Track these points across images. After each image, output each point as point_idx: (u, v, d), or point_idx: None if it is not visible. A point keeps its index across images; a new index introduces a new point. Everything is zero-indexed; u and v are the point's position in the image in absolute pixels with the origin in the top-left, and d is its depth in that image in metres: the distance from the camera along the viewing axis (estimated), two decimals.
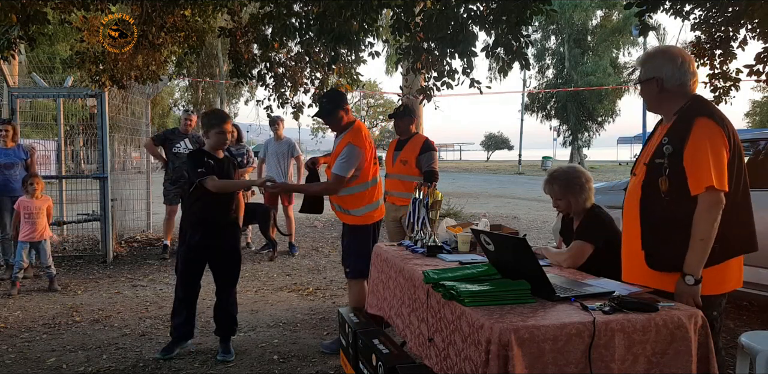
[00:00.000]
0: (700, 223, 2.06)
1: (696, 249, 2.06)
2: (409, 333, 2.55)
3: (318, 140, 53.06)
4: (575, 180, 2.79)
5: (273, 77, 6.41)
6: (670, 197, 2.12)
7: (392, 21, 4.96)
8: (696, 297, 2.07)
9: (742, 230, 2.18)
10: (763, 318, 4.32)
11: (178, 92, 43.87)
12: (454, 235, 3.13)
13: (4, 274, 5.64)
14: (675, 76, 2.19)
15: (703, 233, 2.05)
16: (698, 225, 2.06)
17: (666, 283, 2.15)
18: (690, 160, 2.07)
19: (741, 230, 2.17)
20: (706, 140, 2.06)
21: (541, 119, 40.56)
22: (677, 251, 2.10)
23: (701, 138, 2.06)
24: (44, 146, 7.90)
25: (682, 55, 2.22)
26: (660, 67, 2.19)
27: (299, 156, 7.37)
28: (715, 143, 2.06)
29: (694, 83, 2.22)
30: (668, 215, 2.12)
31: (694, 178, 2.06)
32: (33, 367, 3.46)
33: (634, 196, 2.27)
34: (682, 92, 2.20)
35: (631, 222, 2.28)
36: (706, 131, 2.07)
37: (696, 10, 5.51)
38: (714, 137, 2.07)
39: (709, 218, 2.05)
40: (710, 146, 2.05)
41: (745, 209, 2.19)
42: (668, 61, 2.19)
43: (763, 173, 4.37)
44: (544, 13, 4.60)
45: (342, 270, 6.32)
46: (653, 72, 2.20)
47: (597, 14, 37.83)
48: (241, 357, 3.62)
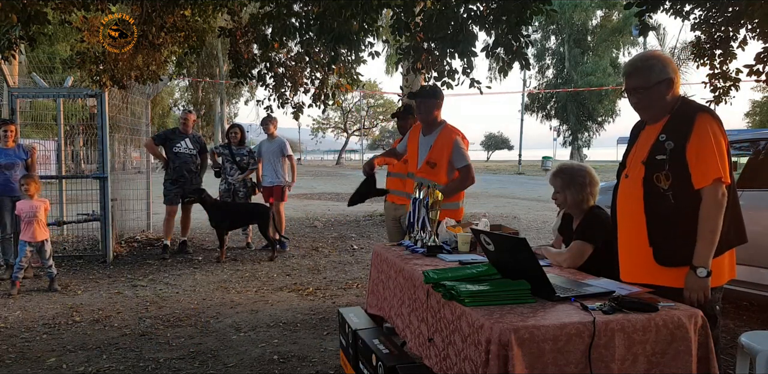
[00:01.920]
0: (710, 215, 2.09)
1: (706, 241, 2.09)
2: (409, 333, 2.55)
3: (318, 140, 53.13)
4: (578, 178, 2.82)
5: (273, 77, 6.42)
6: (673, 192, 2.15)
7: (392, 21, 4.96)
8: (707, 290, 2.09)
9: (736, 223, 2.24)
10: (763, 318, 4.32)
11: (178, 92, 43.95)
12: (454, 235, 3.13)
13: (4, 274, 5.64)
14: (677, 77, 2.26)
15: (713, 225, 2.09)
16: (707, 217, 2.09)
17: (673, 279, 2.17)
18: (695, 153, 2.11)
19: (735, 224, 2.23)
20: (710, 133, 2.11)
21: (541, 119, 40.63)
22: (685, 245, 2.13)
23: (705, 132, 2.11)
24: (44, 146, 7.91)
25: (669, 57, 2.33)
26: (666, 68, 2.24)
27: (291, 156, 7.39)
28: (718, 137, 2.12)
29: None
30: (673, 210, 2.16)
31: (699, 171, 2.11)
32: (33, 367, 3.46)
33: (633, 195, 2.28)
34: (675, 92, 2.27)
35: (631, 221, 2.29)
36: (709, 125, 2.13)
37: (696, 10, 5.52)
38: (716, 131, 2.13)
39: (719, 210, 2.09)
40: (714, 140, 2.10)
41: (736, 203, 2.24)
42: (668, 63, 2.25)
43: (763, 173, 4.37)
44: (544, 13, 4.60)
45: (342, 270, 6.34)
46: (664, 74, 2.23)
47: (597, 14, 37.88)
48: (241, 357, 3.62)
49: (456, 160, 3.75)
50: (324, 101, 6.56)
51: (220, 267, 6.29)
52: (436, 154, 3.79)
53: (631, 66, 2.30)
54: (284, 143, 7.34)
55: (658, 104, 2.25)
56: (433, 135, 3.84)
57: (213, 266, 6.37)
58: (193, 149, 7.06)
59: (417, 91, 3.92)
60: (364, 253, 7.07)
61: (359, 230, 8.46)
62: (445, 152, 3.76)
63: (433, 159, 3.80)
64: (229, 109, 42.51)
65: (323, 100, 6.55)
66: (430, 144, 3.83)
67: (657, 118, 2.28)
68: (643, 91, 2.25)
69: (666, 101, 2.24)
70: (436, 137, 3.82)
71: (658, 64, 2.24)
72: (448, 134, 3.82)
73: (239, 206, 6.92)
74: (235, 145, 7.23)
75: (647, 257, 2.23)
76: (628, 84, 2.29)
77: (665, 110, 2.25)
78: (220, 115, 37.39)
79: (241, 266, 6.34)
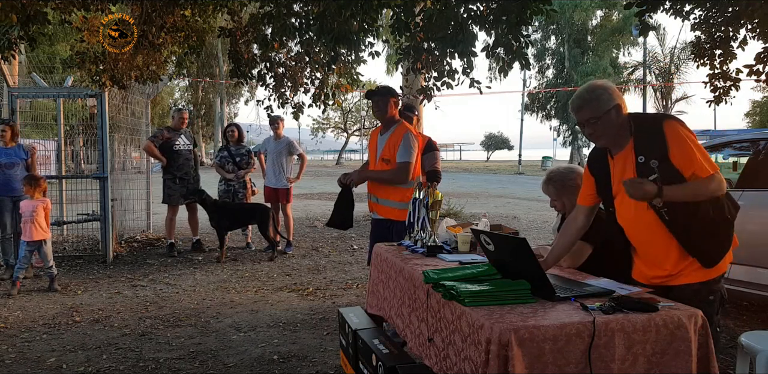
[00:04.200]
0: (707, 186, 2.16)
1: (686, 192, 2.16)
2: (409, 333, 2.55)
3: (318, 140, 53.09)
4: (570, 181, 2.82)
5: (273, 77, 6.42)
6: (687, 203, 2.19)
7: (392, 21, 4.96)
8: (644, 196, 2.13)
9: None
10: (763, 318, 4.33)
11: (178, 92, 43.93)
12: (454, 235, 3.13)
13: (4, 274, 5.64)
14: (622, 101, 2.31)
15: (701, 191, 2.17)
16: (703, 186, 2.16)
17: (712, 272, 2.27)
18: (682, 159, 2.17)
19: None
20: (684, 137, 2.19)
21: (541, 119, 40.57)
22: (719, 244, 2.26)
23: (679, 137, 2.19)
24: (44, 146, 7.90)
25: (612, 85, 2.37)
26: (612, 95, 2.29)
27: (302, 154, 7.38)
28: (692, 137, 2.20)
29: None
30: (693, 218, 2.21)
31: (696, 170, 2.16)
32: (33, 367, 3.46)
33: (644, 220, 2.30)
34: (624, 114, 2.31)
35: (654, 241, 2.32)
36: (679, 130, 2.20)
37: (696, 10, 5.52)
38: (687, 133, 2.21)
39: (717, 188, 2.17)
40: (691, 141, 2.19)
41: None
42: (613, 91, 2.31)
43: (763, 173, 4.37)
44: (544, 13, 4.60)
45: (342, 270, 6.34)
46: (612, 101, 2.28)
47: (597, 14, 37.83)
48: (241, 357, 3.62)
49: (399, 153, 3.74)
50: (324, 101, 6.56)
51: (220, 267, 6.29)
52: (389, 150, 3.82)
53: (579, 99, 2.33)
54: (293, 142, 7.32)
55: (612, 130, 2.30)
56: (388, 132, 3.88)
57: (213, 266, 6.37)
58: (189, 144, 7.09)
59: (373, 90, 3.98)
60: (364, 253, 7.07)
61: (359, 230, 8.45)
62: (396, 147, 3.79)
63: (387, 155, 3.82)
64: (229, 109, 42.53)
65: (323, 100, 6.55)
66: (384, 141, 3.88)
67: (617, 143, 2.34)
68: (595, 121, 2.28)
69: (619, 125, 2.30)
70: (390, 134, 3.86)
71: (605, 93, 2.28)
72: (401, 129, 3.84)
73: (239, 206, 6.91)
74: (233, 144, 7.22)
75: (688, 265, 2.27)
76: (581, 117, 2.33)
77: (622, 133, 2.31)
78: (220, 115, 37.41)
79: (241, 266, 6.34)
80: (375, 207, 3.93)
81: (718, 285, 2.29)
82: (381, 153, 3.87)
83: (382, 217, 3.87)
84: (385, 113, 3.87)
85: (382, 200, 3.86)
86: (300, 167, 7.41)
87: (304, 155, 7.49)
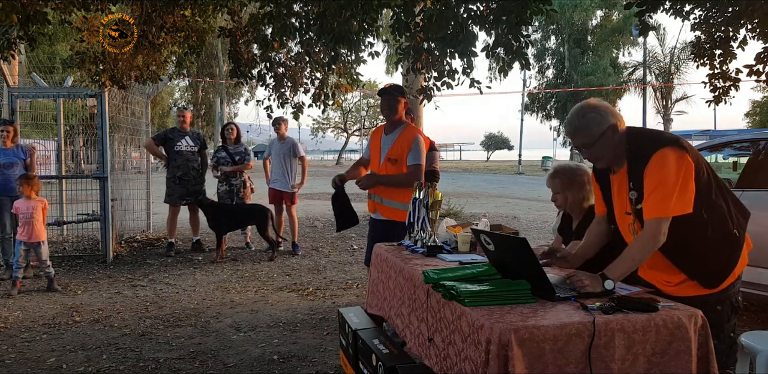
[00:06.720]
0: (644, 246, 2.12)
1: (627, 264, 2.14)
2: (409, 333, 2.55)
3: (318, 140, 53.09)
4: (577, 178, 2.83)
5: (273, 77, 6.43)
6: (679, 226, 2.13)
7: (392, 21, 4.96)
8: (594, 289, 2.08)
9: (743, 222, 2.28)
10: (763, 318, 4.33)
11: (178, 92, 43.96)
12: (454, 235, 3.12)
13: (4, 274, 5.64)
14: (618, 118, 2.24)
15: (640, 255, 2.14)
16: (640, 247, 2.13)
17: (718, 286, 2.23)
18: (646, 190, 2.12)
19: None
20: (664, 169, 2.09)
21: (541, 119, 40.62)
22: (718, 262, 2.19)
23: (658, 168, 2.10)
24: (44, 146, 7.90)
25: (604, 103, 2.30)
26: (605, 116, 2.21)
27: (303, 157, 7.35)
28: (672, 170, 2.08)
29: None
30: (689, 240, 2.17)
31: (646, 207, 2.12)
32: (33, 367, 3.46)
33: None
34: (622, 131, 2.24)
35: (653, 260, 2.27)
36: (663, 162, 2.10)
37: (696, 10, 5.52)
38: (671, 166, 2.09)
39: (653, 245, 2.11)
40: (667, 174, 2.08)
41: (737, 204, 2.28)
42: (604, 110, 2.23)
43: (763, 173, 4.37)
44: (544, 13, 4.59)
45: (342, 270, 6.34)
46: (605, 123, 2.21)
47: (597, 14, 37.89)
48: (241, 357, 3.62)
49: (410, 157, 3.78)
50: (324, 100, 6.56)
51: (220, 267, 6.29)
52: (397, 150, 3.82)
53: (570, 126, 2.27)
54: (296, 143, 7.30)
55: (609, 152, 2.25)
56: (396, 133, 3.88)
57: (213, 266, 6.37)
58: (194, 146, 7.06)
59: (387, 88, 3.94)
60: (364, 253, 7.06)
61: (359, 230, 8.44)
62: (405, 148, 3.79)
63: (394, 155, 3.82)
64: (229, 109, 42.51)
65: (323, 100, 6.55)
66: (391, 141, 3.87)
67: (617, 161, 2.28)
68: (591, 145, 2.24)
69: (616, 144, 2.23)
70: (398, 135, 3.86)
71: (597, 116, 2.21)
72: (411, 131, 3.86)
73: (237, 207, 6.90)
74: (230, 144, 7.20)
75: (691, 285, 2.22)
76: (575, 142, 2.29)
77: (620, 153, 2.25)
78: (220, 115, 37.40)
79: (241, 266, 6.34)
80: (378, 208, 3.92)
81: (727, 293, 2.22)
82: (388, 153, 3.85)
83: (385, 218, 3.86)
84: (395, 113, 3.86)
85: (387, 201, 3.85)
86: (302, 170, 7.38)
87: (305, 158, 7.46)
